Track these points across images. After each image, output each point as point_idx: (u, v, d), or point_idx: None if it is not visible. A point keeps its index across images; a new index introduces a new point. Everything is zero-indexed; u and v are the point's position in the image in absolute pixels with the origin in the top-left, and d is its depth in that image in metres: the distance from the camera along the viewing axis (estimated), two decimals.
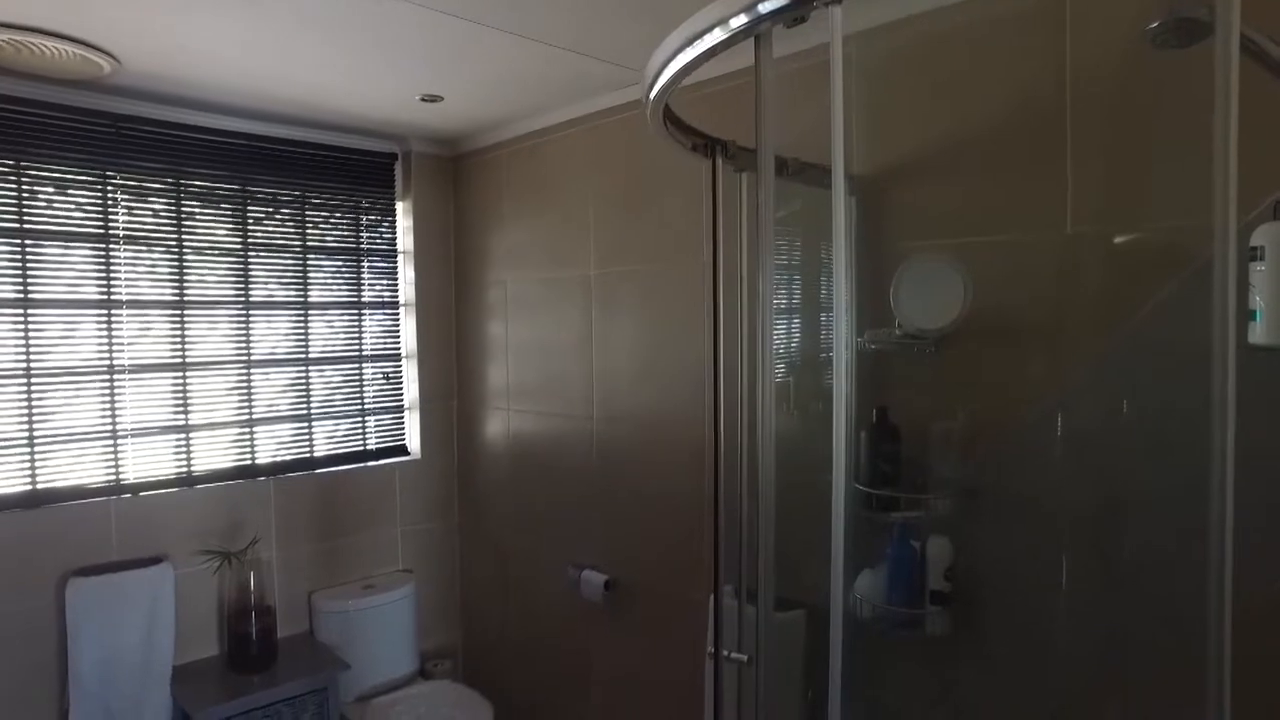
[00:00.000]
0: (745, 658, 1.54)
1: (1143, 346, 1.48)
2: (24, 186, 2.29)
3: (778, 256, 2.03)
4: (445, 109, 2.58)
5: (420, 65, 2.18)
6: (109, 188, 2.42)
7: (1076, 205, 1.53)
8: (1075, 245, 1.55)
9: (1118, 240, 1.51)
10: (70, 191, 2.36)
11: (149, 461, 2.50)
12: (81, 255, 2.39)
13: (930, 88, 1.76)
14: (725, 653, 1.56)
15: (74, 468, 2.37)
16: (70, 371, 2.37)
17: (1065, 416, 1.58)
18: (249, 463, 2.70)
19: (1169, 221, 1.45)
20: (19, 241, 2.28)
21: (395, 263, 3.07)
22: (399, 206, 3.07)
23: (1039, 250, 1.59)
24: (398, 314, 3.09)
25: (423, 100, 2.48)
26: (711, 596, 2.03)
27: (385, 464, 3.02)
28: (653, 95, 1.10)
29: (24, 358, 2.29)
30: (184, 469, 2.56)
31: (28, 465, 2.29)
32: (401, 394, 3.10)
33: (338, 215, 2.92)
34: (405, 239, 3.06)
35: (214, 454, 2.64)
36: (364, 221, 2.98)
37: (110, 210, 2.43)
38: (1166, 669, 1.45)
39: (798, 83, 1.82)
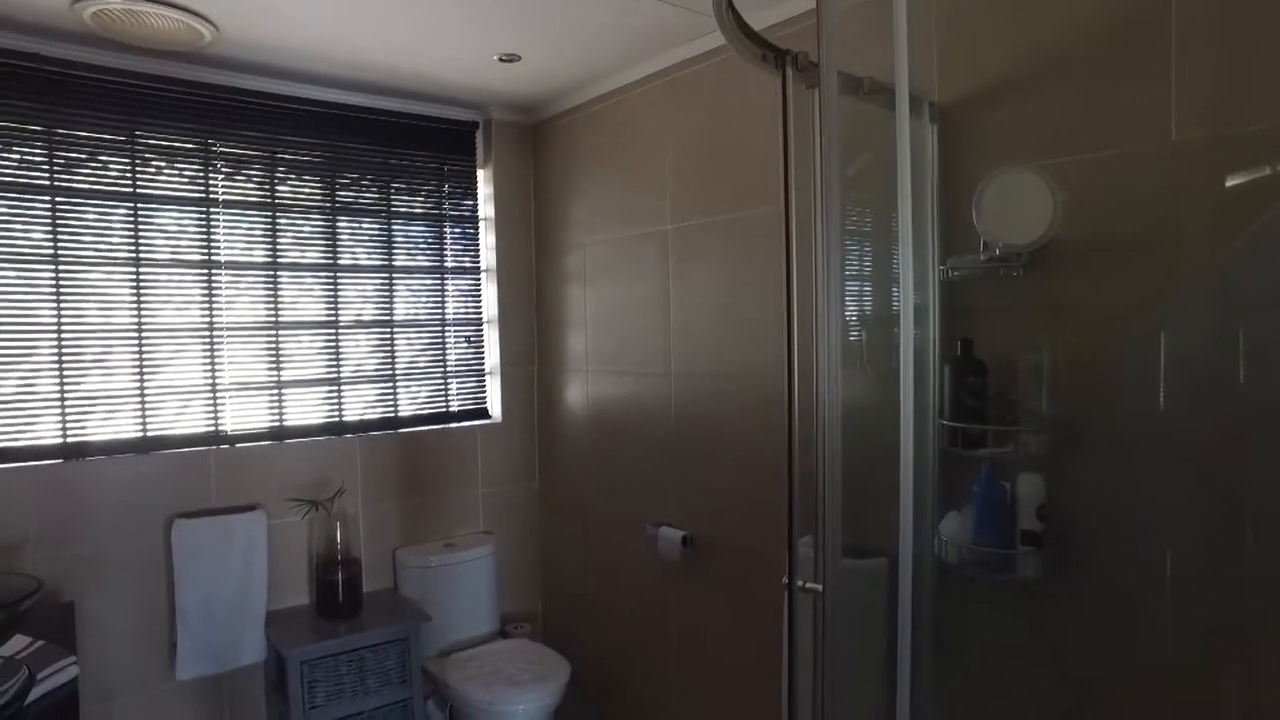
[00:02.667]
0: (820, 587, 1.50)
1: (1259, 262, 1.35)
2: (137, 155, 2.45)
3: (857, 192, 1.96)
4: (523, 70, 2.62)
5: (498, 21, 2.21)
6: (210, 155, 2.56)
7: (1182, 109, 1.42)
8: (1180, 153, 1.43)
9: (1229, 144, 1.39)
10: (177, 161, 2.51)
11: (245, 415, 2.63)
12: (186, 219, 2.53)
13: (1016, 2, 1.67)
14: (800, 583, 1.52)
15: (179, 418, 2.51)
16: (176, 329, 2.51)
17: (1170, 342, 1.46)
18: (337, 420, 2.80)
19: None
20: (132, 205, 2.44)
21: (477, 229, 3.14)
22: (480, 174, 3.13)
23: (1139, 163, 1.48)
24: (479, 279, 3.15)
25: (501, 60, 2.52)
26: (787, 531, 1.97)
27: (467, 426, 3.08)
28: None
29: (135, 316, 2.44)
30: (276, 423, 2.68)
31: (139, 414, 2.44)
32: (483, 358, 3.16)
33: (421, 183, 3.00)
34: (486, 206, 3.13)
35: (304, 410, 2.75)
36: (446, 189, 3.06)
37: (211, 177, 2.56)
38: None
39: (881, 9, 1.76)
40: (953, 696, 1.75)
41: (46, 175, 2.31)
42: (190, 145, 2.53)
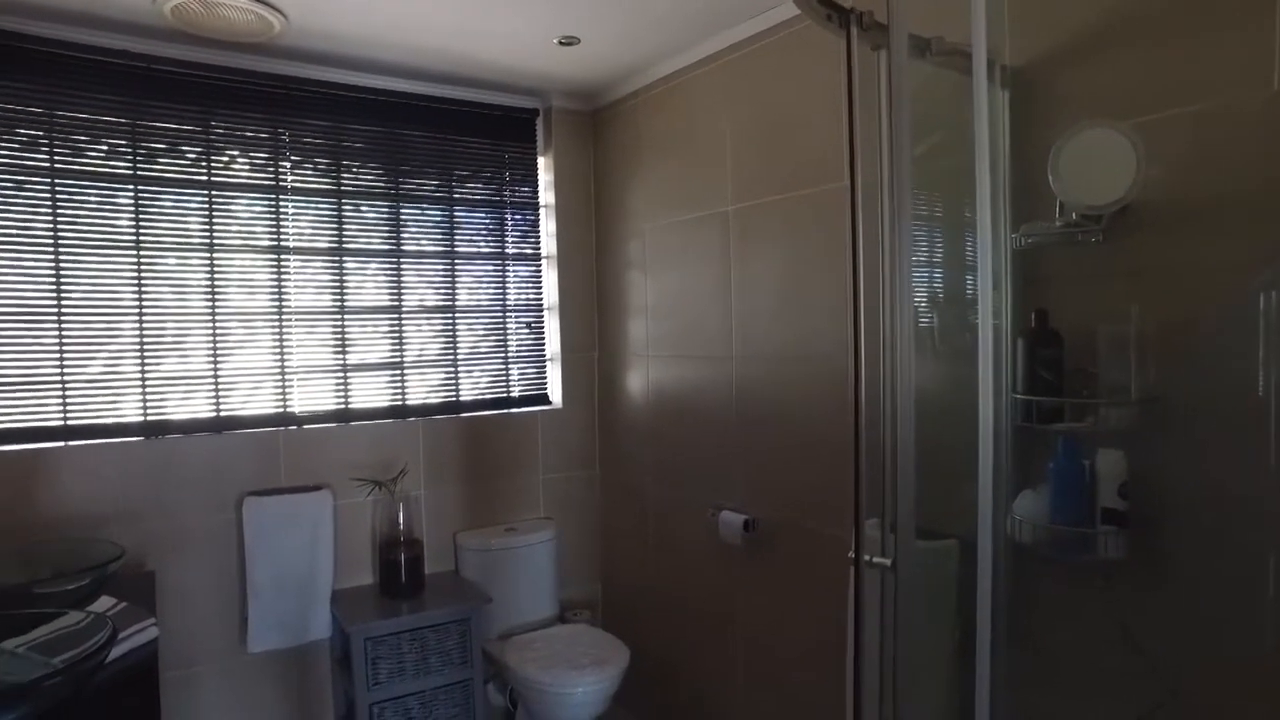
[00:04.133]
0: (888, 561, 1.46)
1: None
2: (211, 145, 2.53)
3: (924, 161, 1.90)
4: (583, 53, 2.62)
5: (558, 2, 2.22)
6: (279, 144, 2.64)
7: None
8: None
9: None
10: (249, 150, 2.59)
11: (312, 398, 2.70)
12: (257, 206, 2.61)
13: None
14: (867, 558, 1.48)
15: (250, 400, 2.59)
16: (247, 313, 2.59)
17: (1270, 309, 1.37)
18: (400, 403, 2.85)
19: None
20: (207, 193, 2.53)
21: (537, 216, 3.16)
22: (541, 162, 3.16)
23: (1235, 116, 1.38)
24: (540, 266, 3.17)
25: (560, 43, 2.53)
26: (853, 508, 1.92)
27: (528, 412, 3.10)
28: None
29: (209, 301, 2.53)
30: (342, 406, 2.74)
31: (213, 395, 2.52)
32: (544, 344, 3.18)
33: (483, 170, 3.04)
34: (547, 193, 3.15)
35: (369, 394, 2.80)
36: (507, 176, 3.09)
37: (280, 165, 2.64)
38: None
39: None
40: (1027, 683, 1.68)
41: (130, 165, 2.41)
42: (261, 135, 2.61)
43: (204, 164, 2.52)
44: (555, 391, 3.18)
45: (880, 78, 1.50)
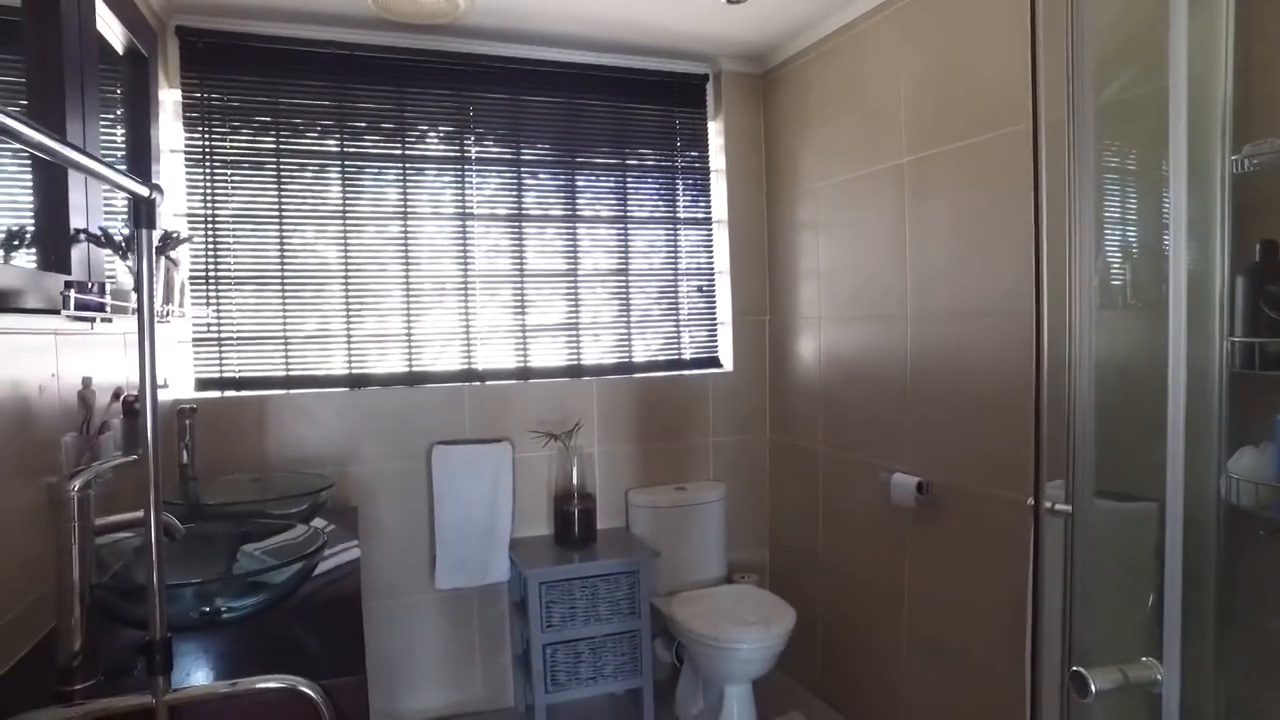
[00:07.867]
0: (1070, 508, 1.35)
1: None
2: (406, 122, 2.76)
3: (1126, 91, 1.71)
4: (750, 11, 2.59)
5: None
6: (464, 119, 2.82)
7: None
8: None
9: None
10: (438, 125, 2.80)
11: (494, 356, 2.87)
12: (445, 177, 2.81)
13: None
14: (1049, 505, 1.38)
15: (439, 357, 2.80)
16: (437, 276, 2.80)
17: None
18: (575, 363, 2.98)
19: None
20: (401, 167, 2.76)
21: (708, 180, 3.17)
22: (711, 126, 3.16)
23: None
24: (710, 230, 3.18)
25: (729, 1, 2.52)
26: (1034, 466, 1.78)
27: (699, 374, 3.13)
28: None
29: (404, 266, 2.76)
30: (522, 364, 2.90)
31: (407, 352, 2.76)
32: (715, 308, 3.19)
33: (654, 136, 3.08)
34: (717, 158, 3.15)
35: (546, 353, 2.95)
36: (678, 142, 3.12)
37: (465, 137, 2.83)
38: None
39: None
40: (1247, 664, 1.49)
41: (338, 144, 2.68)
42: (448, 110, 2.80)
43: (398, 139, 2.75)
44: (726, 355, 3.18)
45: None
